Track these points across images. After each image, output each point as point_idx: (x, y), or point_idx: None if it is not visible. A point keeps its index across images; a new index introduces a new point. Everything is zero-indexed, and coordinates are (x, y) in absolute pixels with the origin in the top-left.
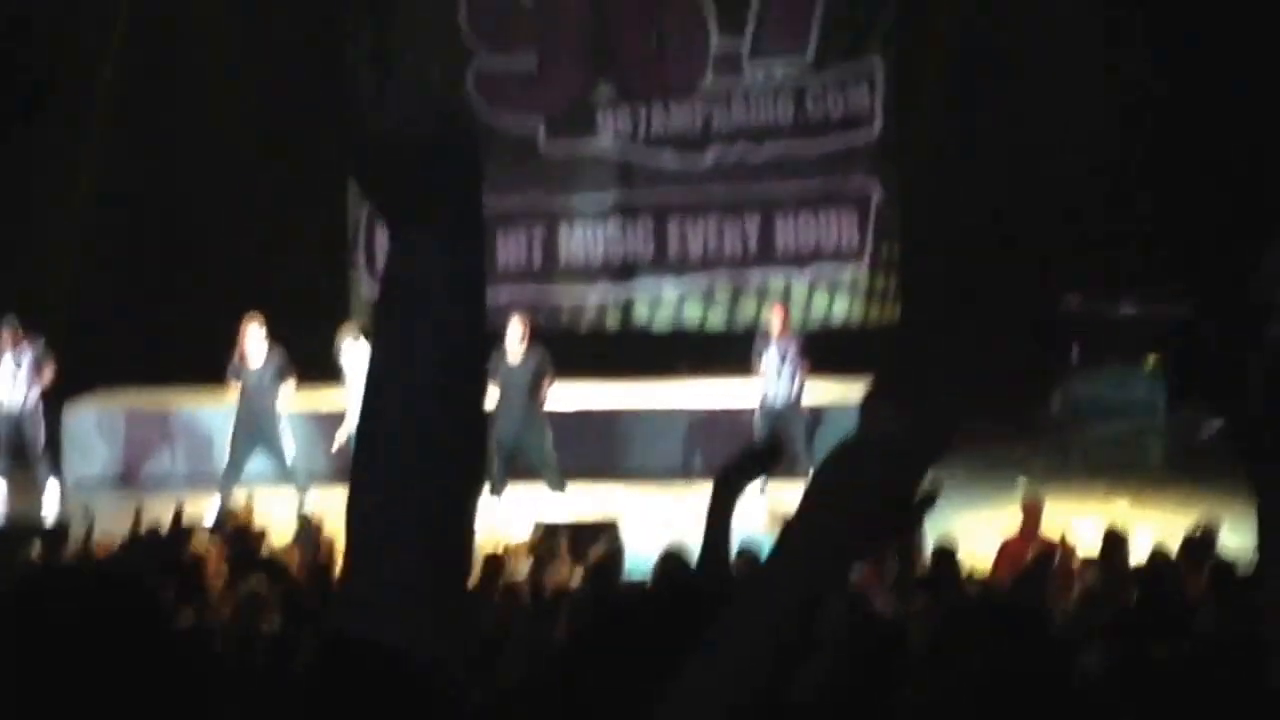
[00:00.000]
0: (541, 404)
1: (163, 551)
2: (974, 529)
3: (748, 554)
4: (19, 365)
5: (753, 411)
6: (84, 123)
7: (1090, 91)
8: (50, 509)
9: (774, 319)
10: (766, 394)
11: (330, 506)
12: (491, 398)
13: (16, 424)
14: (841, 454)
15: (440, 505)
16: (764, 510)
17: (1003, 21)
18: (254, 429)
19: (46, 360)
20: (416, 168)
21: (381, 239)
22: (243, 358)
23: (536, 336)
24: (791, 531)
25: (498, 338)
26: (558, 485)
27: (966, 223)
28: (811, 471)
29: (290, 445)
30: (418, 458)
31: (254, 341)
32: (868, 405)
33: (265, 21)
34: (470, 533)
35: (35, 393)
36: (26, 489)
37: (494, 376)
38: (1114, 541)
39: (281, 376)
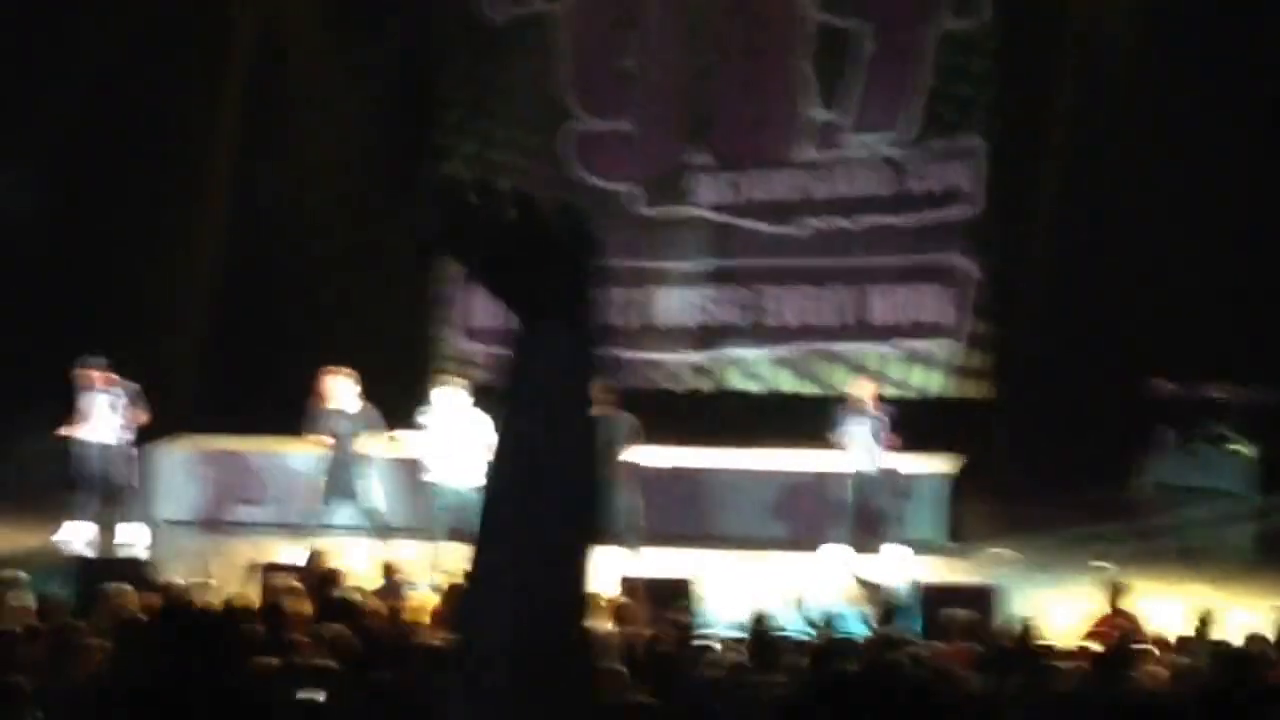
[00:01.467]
0: (626, 465)
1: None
2: (1056, 607)
3: (831, 622)
4: (111, 406)
5: (839, 476)
6: (190, 185)
7: (1186, 181)
8: (138, 548)
9: (864, 392)
10: (857, 464)
11: (412, 555)
12: None
13: (107, 462)
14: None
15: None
16: (849, 579)
17: (1102, 112)
18: (343, 478)
19: (140, 402)
20: (546, 269)
21: (473, 296)
22: (334, 409)
23: (624, 401)
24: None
25: None
26: (635, 548)
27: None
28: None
29: (378, 495)
30: (546, 525)
31: (346, 394)
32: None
33: (363, 91)
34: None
35: (128, 433)
36: (114, 527)
37: None
38: (1207, 621)
39: (371, 428)
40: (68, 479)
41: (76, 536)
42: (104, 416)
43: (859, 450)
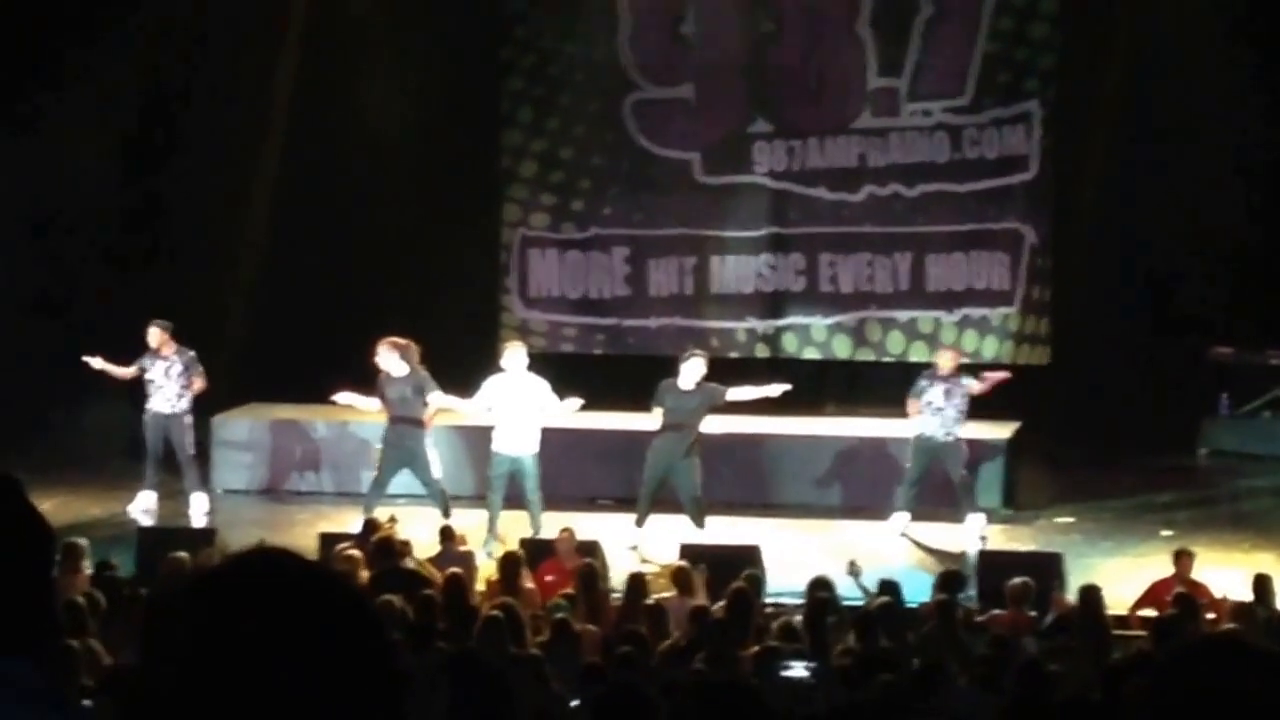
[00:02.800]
0: (699, 439)
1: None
2: (1119, 575)
3: (887, 589)
4: (168, 373)
5: (899, 442)
6: (255, 152)
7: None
8: (197, 517)
9: (945, 359)
10: (924, 430)
11: (472, 523)
12: (655, 422)
13: (165, 431)
14: None
15: None
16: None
17: (1160, 78)
18: (400, 446)
19: (197, 370)
20: None
21: (533, 264)
22: (385, 375)
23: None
24: None
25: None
26: (699, 522)
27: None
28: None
29: (436, 462)
30: None
31: (393, 360)
32: None
33: (425, 60)
34: None
35: (186, 401)
36: (174, 496)
37: (661, 403)
38: (1263, 585)
39: (423, 392)
40: (135, 447)
41: (143, 505)
42: (159, 383)
43: (930, 417)
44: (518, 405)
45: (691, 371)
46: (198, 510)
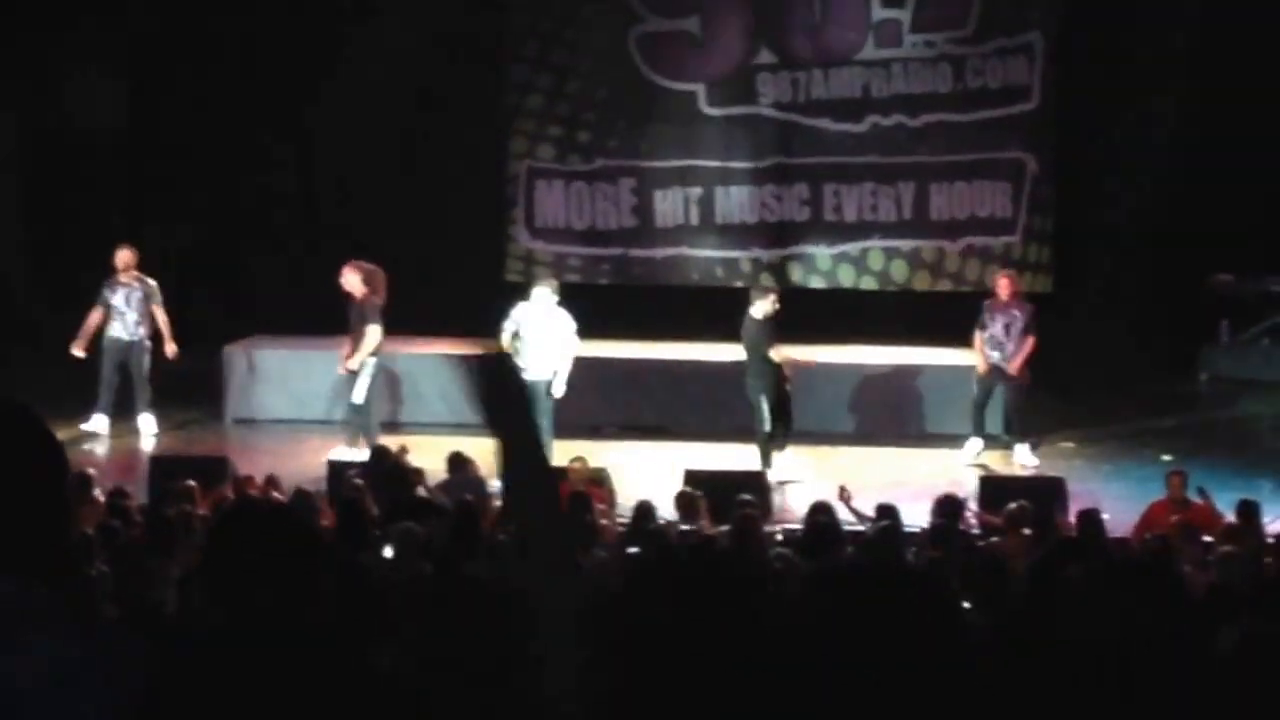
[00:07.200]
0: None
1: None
2: (1120, 500)
3: (888, 513)
4: (129, 300)
5: (903, 370)
6: (264, 85)
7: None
8: (145, 436)
9: (1003, 286)
10: (988, 360)
11: (480, 449)
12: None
13: (123, 356)
14: None
15: None
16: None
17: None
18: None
19: (157, 300)
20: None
21: (540, 196)
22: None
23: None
24: None
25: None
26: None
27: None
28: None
29: (364, 389)
30: None
31: (354, 282)
32: None
33: None
34: None
35: (144, 328)
36: (183, 426)
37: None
38: (1249, 511)
39: (364, 321)
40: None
41: (95, 427)
42: (120, 309)
43: (991, 350)
44: (538, 332)
45: (761, 307)
46: (146, 430)
